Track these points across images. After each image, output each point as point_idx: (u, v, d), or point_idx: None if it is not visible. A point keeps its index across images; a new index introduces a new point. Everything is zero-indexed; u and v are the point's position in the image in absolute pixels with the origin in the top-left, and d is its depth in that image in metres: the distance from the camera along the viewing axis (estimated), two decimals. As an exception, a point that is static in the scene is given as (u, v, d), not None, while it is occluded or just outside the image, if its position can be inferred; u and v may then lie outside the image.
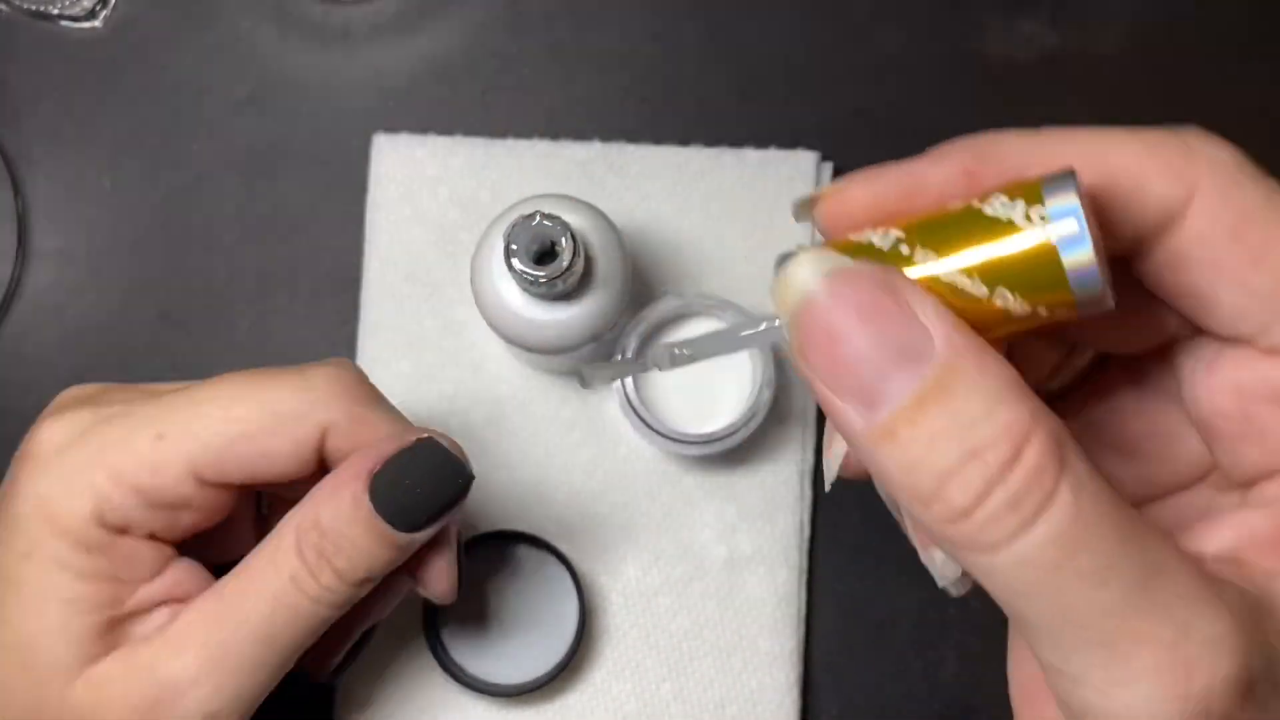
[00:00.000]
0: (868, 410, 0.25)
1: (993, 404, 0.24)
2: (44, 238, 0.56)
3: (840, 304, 0.25)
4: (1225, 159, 0.27)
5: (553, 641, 0.53)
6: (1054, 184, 0.25)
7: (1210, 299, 0.27)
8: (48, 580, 0.36)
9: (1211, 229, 0.26)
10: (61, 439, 0.38)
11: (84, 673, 0.36)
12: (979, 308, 0.25)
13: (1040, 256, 0.24)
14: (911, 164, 0.27)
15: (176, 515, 0.38)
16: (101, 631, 0.36)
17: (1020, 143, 0.27)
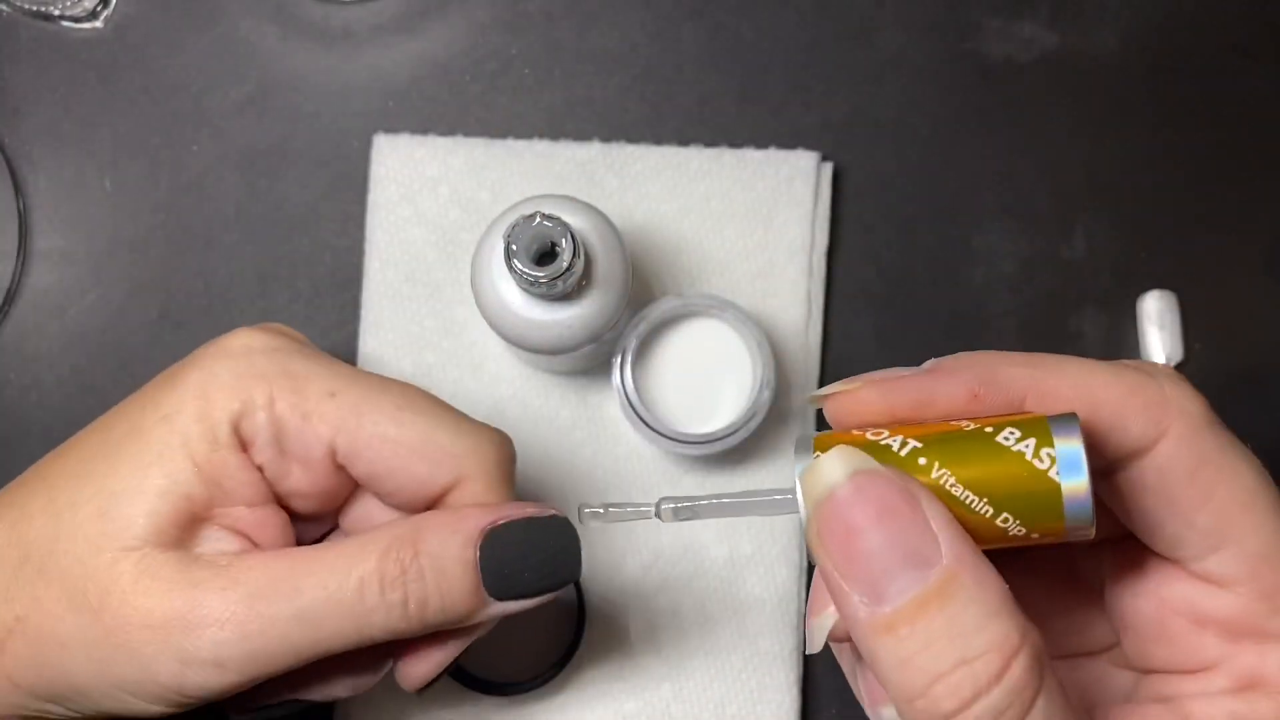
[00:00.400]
0: (873, 602, 0.27)
1: (988, 617, 0.27)
2: (45, 238, 0.56)
3: (862, 502, 0.28)
4: (1194, 410, 0.30)
5: (553, 641, 0.53)
6: (1062, 428, 0.28)
7: (1158, 524, 0.31)
8: (169, 448, 0.37)
9: (1172, 468, 0.30)
10: (253, 343, 0.39)
11: (141, 550, 0.36)
12: (982, 524, 0.28)
13: (1046, 493, 0.28)
14: (922, 379, 0.31)
15: (288, 469, 0.39)
16: (181, 522, 0.37)
17: (1020, 371, 0.30)
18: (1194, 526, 0.30)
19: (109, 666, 0.36)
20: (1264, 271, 0.58)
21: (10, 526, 0.38)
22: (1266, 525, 0.30)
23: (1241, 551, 0.30)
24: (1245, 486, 0.30)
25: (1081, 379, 0.30)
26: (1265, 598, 0.29)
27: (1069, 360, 0.31)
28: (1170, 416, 0.30)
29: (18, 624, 0.36)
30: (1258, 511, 0.30)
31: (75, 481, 0.38)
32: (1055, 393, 0.30)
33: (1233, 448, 0.30)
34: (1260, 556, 0.29)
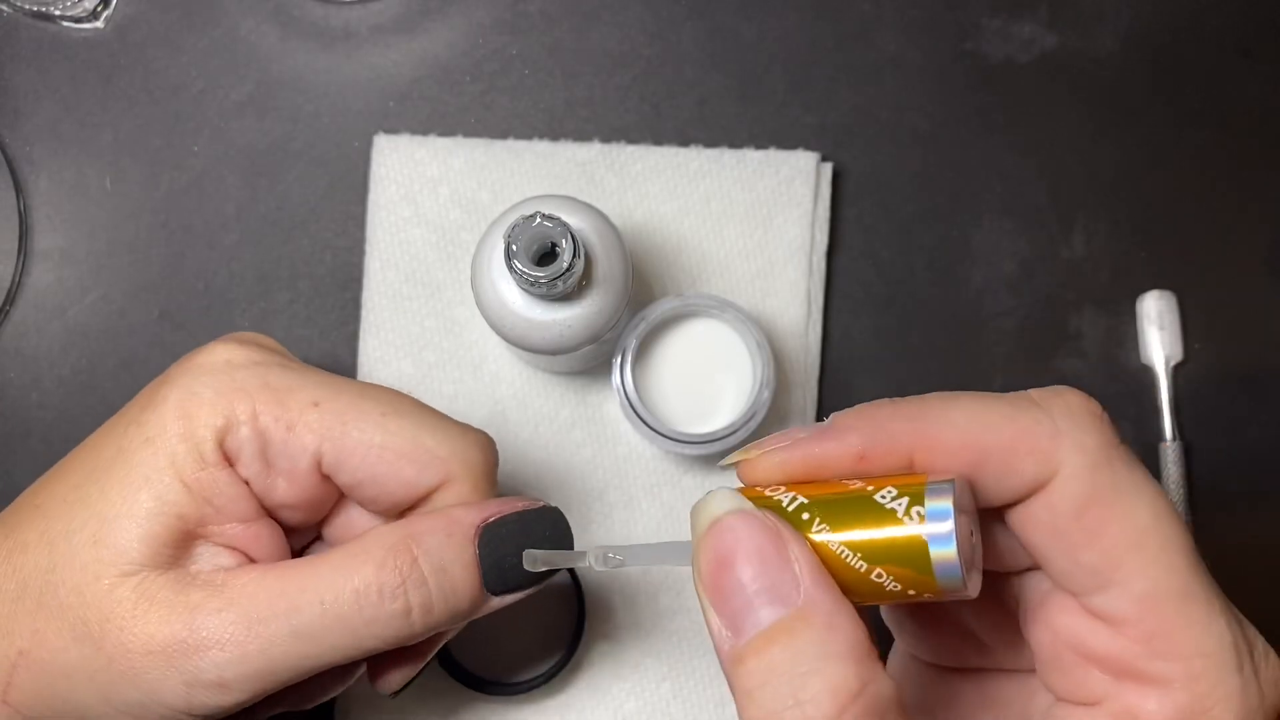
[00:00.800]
0: (732, 634, 0.29)
1: (829, 660, 0.28)
2: (45, 238, 0.56)
3: (734, 537, 0.29)
4: (1089, 444, 0.30)
5: (553, 641, 0.53)
6: (936, 489, 0.29)
7: (1051, 559, 0.31)
8: (155, 470, 0.37)
9: (1061, 506, 0.30)
10: (233, 357, 0.39)
11: (139, 574, 0.36)
12: (858, 579, 0.29)
13: (913, 548, 0.29)
14: (812, 444, 0.31)
15: (274, 482, 0.39)
16: (175, 541, 0.37)
17: (905, 427, 0.30)
18: (1081, 565, 0.30)
19: (115, 693, 0.36)
20: (1264, 271, 0.58)
21: (6, 557, 0.37)
22: (1153, 567, 0.29)
23: (1127, 593, 0.29)
24: (1136, 526, 0.30)
25: (967, 428, 0.30)
26: (1146, 641, 0.29)
27: (959, 406, 0.31)
28: (1061, 454, 0.30)
29: (21, 658, 0.36)
30: (1146, 553, 0.29)
31: (68, 508, 0.37)
32: (940, 445, 0.30)
33: (1130, 484, 0.30)
34: (1145, 599, 0.29)
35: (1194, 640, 0.29)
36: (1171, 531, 0.30)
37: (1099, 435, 0.30)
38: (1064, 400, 0.31)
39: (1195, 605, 0.29)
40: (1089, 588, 0.30)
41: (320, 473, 0.39)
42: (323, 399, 0.38)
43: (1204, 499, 0.57)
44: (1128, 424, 0.57)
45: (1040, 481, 0.30)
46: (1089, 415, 0.31)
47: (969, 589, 0.29)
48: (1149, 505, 0.30)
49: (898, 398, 0.32)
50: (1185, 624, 0.29)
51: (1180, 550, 0.30)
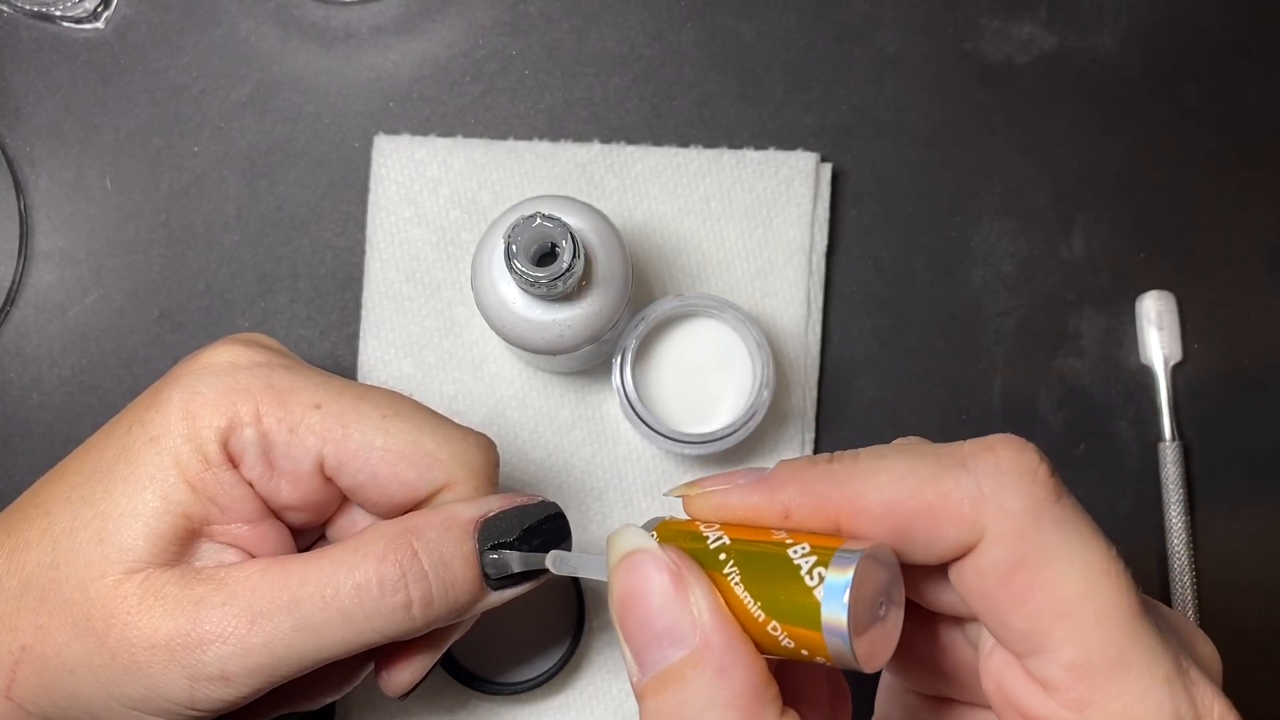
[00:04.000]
0: (638, 668, 0.30)
1: (714, 708, 0.28)
2: (46, 238, 0.56)
3: (638, 575, 0.30)
4: (1012, 506, 0.29)
5: (553, 640, 0.53)
6: (842, 557, 0.28)
7: (984, 618, 0.30)
8: (160, 470, 0.37)
9: (988, 571, 0.29)
10: (236, 359, 0.39)
11: (144, 572, 0.36)
12: (757, 629, 0.29)
13: (807, 610, 0.28)
14: (747, 493, 0.31)
15: (278, 484, 0.39)
16: (181, 538, 0.37)
17: (833, 491, 0.30)
18: (1011, 630, 0.29)
19: (118, 688, 0.36)
20: (1263, 272, 0.58)
21: (8, 555, 0.38)
22: (1084, 635, 0.28)
23: (1057, 660, 0.29)
24: (1067, 592, 0.29)
25: (891, 492, 0.30)
26: (1078, 709, 0.29)
27: (885, 468, 0.30)
28: (985, 518, 0.29)
29: (23, 653, 0.37)
30: (1075, 620, 0.28)
31: (70, 507, 0.38)
32: (863, 511, 0.30)
33: (1061, 547, 0.29)
34: (1074, 667, 0.28)
35: (1126, 710, 0.28)
36: (1107, 595, 0.29)
37: (1026, 496, 0.29)
38: (993, 456, 0.30)
39: (1129, 673, 0.28)
40: (1022, 651, 0.30)
41: (323, 475, 0.39)
42: (324, 401, 0.38)
43: (1203, 499, 0.57)
44: (1126, 424, 0.58)
45: (965, 546, 0.29)
46: (1018, 474, 0.29)
47: (861, 662, 0.28)
48: (1079, 569, 0.29)
49: (837, 454, 0.31)
50: (1118, 693, 0.28)
51: (1114, 616, 0.29)
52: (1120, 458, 0.57)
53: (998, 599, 0.29)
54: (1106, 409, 0.58)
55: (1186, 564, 0.56)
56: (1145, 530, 0.57)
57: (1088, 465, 0.57)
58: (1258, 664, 0.57)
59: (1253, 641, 0.57)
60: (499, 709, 0.53)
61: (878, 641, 0.29)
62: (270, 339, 0.42)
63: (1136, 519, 0.57)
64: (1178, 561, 0.56)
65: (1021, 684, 0.30)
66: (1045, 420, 0.57)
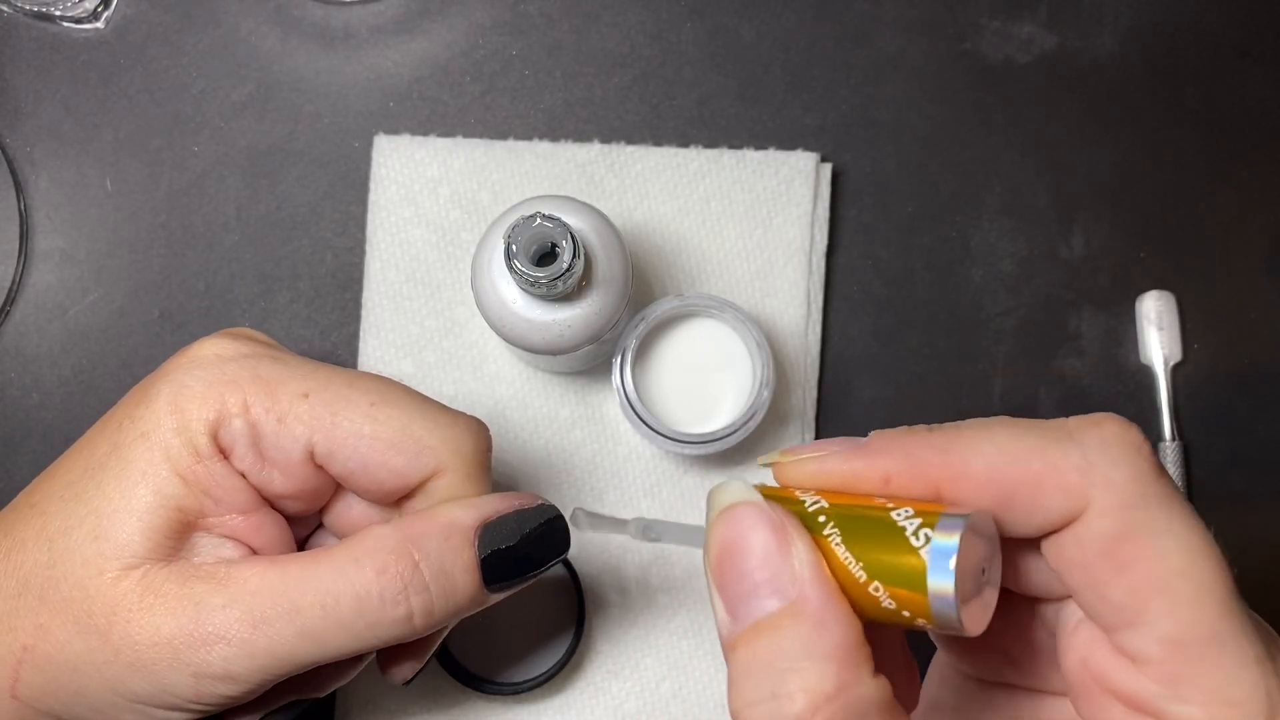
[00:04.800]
0: (731, 620, 0.29)
1: (811, 659, 0.28)
2: (46, 238, 0.56)
3: (741, 527, 0.30)
4: (1118, 479, 0.29)
5: (553, 640, 0.53)
6: (948, 521, 0.29)
7: (1078, 592, 0.30)
8: (151, 464, 0.37)
9: (1090, 543, 0.29)
10: (223, 351, 0.39)
11: (142, 568, 0.36)
12: (858, 589, 0.29)
13: (913, 571, 0.28)
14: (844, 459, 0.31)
15: (270, 474, 0.39)
16: (176, 532, 0.37)
17: (934, 457, 0.30)
18: (1108, 601, 0.30)
19: (123, 684, 0.36)
20: (1263, 272, 0.58)
21: (5, 556, 0.38)
22: (1181, 610, 0.29)
23: (1152, 633, 0.29)
24: (1168, 567, 0.29)
25: (995, 461, 0.30)
26: (1169, 683, 0.29)
27: (989, 437, 0.30)
28: (1091, 489, 0.29)
29: (25, 653, 0.37)
30: (1174, 595, 0.29)
31: (64, 505, 0.38)
32: (967, 478, 0.30)
33: (1164, 521, 0.29)
34: (1169, 641, 0.29)
35: (1219, 687, 0.28)
36: (1205, 574, 0.29)
37: (1132, 469, 0.29)
38: (1100, 431, 0.30)
39: (1224, 652, 0.29)
40: (1115, 624, 0.30)
41: (314, 463, 0.39)
42: (312, 390, 0.38)
43: (1203, 499, 0.57)
44: (1127, 424, 0.58)
45: (1069, 516, 0.30)
46: (1124, 447, 0.30)
47: (965, 625, 0.29)
48: (1182, 545, 0.29)
49: (937, 425, 0.31)
50: (1210, 670, 0.29)
51: (1212, 594, 0.29)
52: (1120, 458, 0.57)
53: (1098, 570, 0.29)
54: (1106, 409, 0.57)
55: (1187, 564, 0.56)
56: (1145, 530, 0.57)
57: (1088, 465, 0.57)
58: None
59: (1253, 641, 0.57)
60: (499, 709, 0.53)
61: (978, 608, 0.30)
62: (258, 332, 0.42)
63: (1136, 519, 0.57)
64: (1178, 561, 0.56)
65: (1110, 659, 0.30)
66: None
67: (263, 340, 0.41)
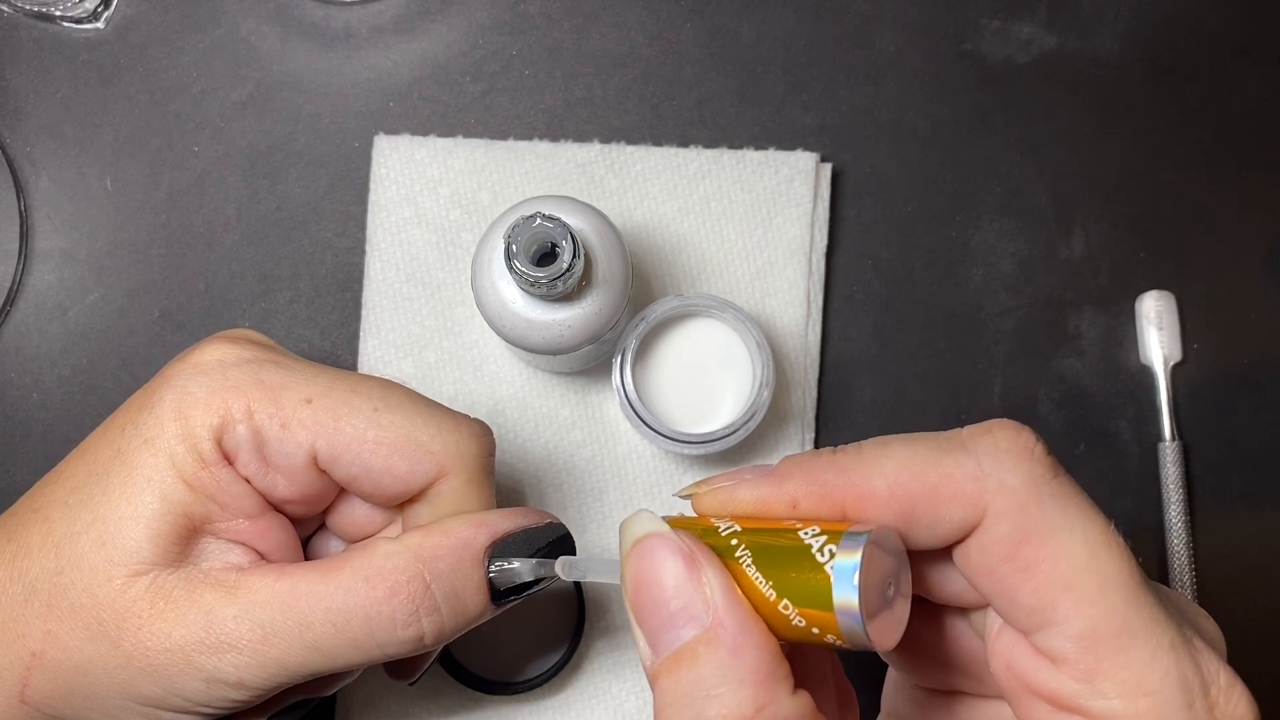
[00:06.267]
0: (651, 651, 0.30)
1: (727, 684, 0.28)
2: (46, 238, 0.56)
3: (653, 559, 0.30)
4: (1011, 483, 0.30)
5: (553, 641, 0.53)
6: (851, 537, 0.29)
7: (991, 598, 0.31)
8: (156, 470, 0.37)
9: (993, 547, 0.30)
10: (225, 356, 0.39)
11: (150, 574, 0.36)
12: (770, 609, 0.30)
13: (818, 586, 0.29)
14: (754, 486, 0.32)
15: (274, 479, 0.39)
16: (182, 538, 0.37)
17: (837, 478, 0.31)
18: (1018, 605, 0.30)
19: (135, 688, 0.36)
20: (1263, 272, 0.58)
21: (10, 562, 0.38)
22: (1089, 606, 0.29)
23: (1065, 632, 0.29)
24: (1070, 564, 0.29)
25: (894, 477, 0.30)
26: (1086, 679, 0.29)
27: (889, 454, 0.31)
28: (987, 496, 0.30)
29: (35, 659, 0.37)
30: (1080, 591, 0.29)
31: (69, 511, 0.38)
32: (869, 496, 0.31)
33: (1062, 520, 0.30)
34: (1081, 638, 0.29)
35: (1135, 678, 0.29)
36: (1109, 566, 0.29)
37: (1026, 473, 0.30)
38: (991, 438, 0.31)
39: (1136, 642, 0.29)
40: (1030, 626, 0.30)
41: (317, 468, 0.39)
42: (315, 394, 0.38)
43: (1203, 499, 0.57)
44: (1126, 424, 0.58)
45: (969, 524, 0.30)
46: (1016, 452, 0.30)
47: (873, 640, 0.29)
48: (1083, 541, 0.29)
49: (842, 446, 0.32)
50: (1126, 662, 0.29)
51: (1118, 586, 0.29)
52: (1120, 458, 0.57)
53: (1003, 575, 0.30)
54: (1106, 409, 0.58)
55: (1186, 564, 0.56)
56: (1145, 530, 0.57)
57: (1088, 465, 0.57)
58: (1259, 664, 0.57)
59: (1253, 641, 0.57)
60: (499, 709, 0.53)
61: (887, 622, 0.30)
62: (258, 334, 0.42)
63: (1136, 519, 0.57)
64: (1178, 561, 0.56)
65: (1030, 661, 0.31)
66: (1045, 420, 0.57)
67: (264, 343, 0.41)
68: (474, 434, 0.40)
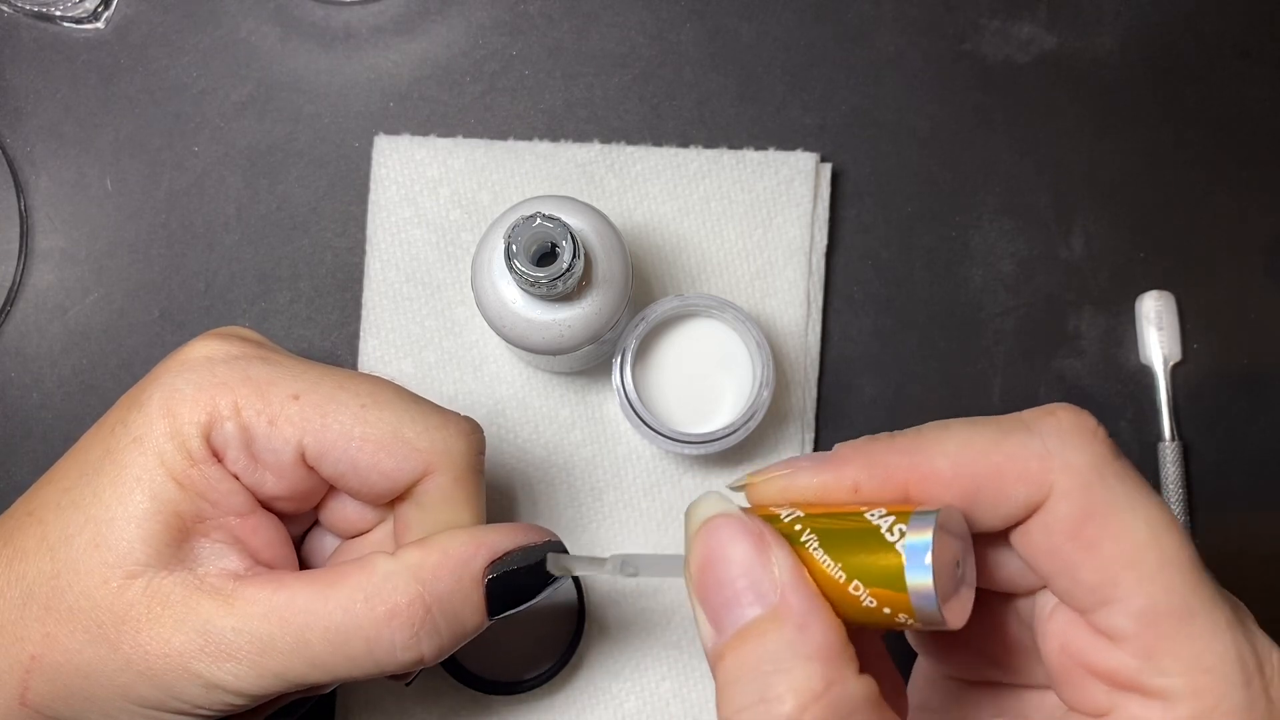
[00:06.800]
0: (715, 631, 0.30)
1: (797, 660, 0.28)
2: (46, 238, 0.56)
3: (720, 538, 0.30)
4: (1080, 462, 0.30)
5: (553, 640, 0.53)
6: (920, 516, 0.29)
7: (1051, 578, 0.31)
8: (146, 470, 0.37)
9: (1056, 527, 0.30)
10: (213, 353, 0.39)
11: (145, 575, 0.36)
12: (839, 591, 0.30)
13: (890, 566, 0.29)
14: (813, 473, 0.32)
15: (262, 476, 0.39)
16: (175, 539, 0.37)
17: (900, 460, 0.31)
18: (1079, 583, 0.30)
19: (133, 691, 0.37)
20: (1262, 272, 0.58)
21: (6, 564, 0.38)
22: (1150, 584, 0.29)
23: (1126, 609, 0.30)
24: (1132, 543, 0.30)
25: (958, 457, 0.31)
26: (1146, 656, 0.29)
27: (950, 435, 0.31)
28: (1052, 475, 0.30)
29: (34, 662, 0.37)
30: (1142, 569, 0.29)
31: (63, 513, 0.38)
32: (933, 477, 0.31)
33: (1125, 499, 0.30)
34: (1142, 615, 0.29)
35: (1195, 655, 0.29)
36: (1170, 546, 0.30)
37: (1090, 453, 0.30)
38: (1054, 419, 0.31)
39: (1196, 620, 0.29)
40: (1089, 605, 0.30)
41: (305, 465, 0.39)
42: (302, 391, 0.38)
43: (1202, 499, 0.57)
44: (1126, 424, 0.58)
45: (1034, 504, 0.30)
46: (1079, 432, 0.31)
47: (946, 618, 0.29)
48: (1145, 521, 0.30)
49: (899, 430, 0.32)
50: (1185, 639, 0.29)
51: (1179, 565, 0.30)
52: (1120, 458, 0.57)
53: (1067, 553, 0.30)
54: (1106, 409, 0.58)
55: (1186, 564, 0.56)
56: (1145, 530, 0.57)
57: (1087, 465, 0.57)
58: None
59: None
60: (499, 709, 0.53)
61: (958, 600, 0.30)
62: (249, 331, 0.42)
63: (1136, 519, 0.57)
64: (1177, 561, 0.56)
65: (1087, 639, 0.31)
66: (1045, 420, 0.57)
67: (253, 339, 0.41)
68: (462, 432, 0.40)
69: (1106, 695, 0.30)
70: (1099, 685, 0.31)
